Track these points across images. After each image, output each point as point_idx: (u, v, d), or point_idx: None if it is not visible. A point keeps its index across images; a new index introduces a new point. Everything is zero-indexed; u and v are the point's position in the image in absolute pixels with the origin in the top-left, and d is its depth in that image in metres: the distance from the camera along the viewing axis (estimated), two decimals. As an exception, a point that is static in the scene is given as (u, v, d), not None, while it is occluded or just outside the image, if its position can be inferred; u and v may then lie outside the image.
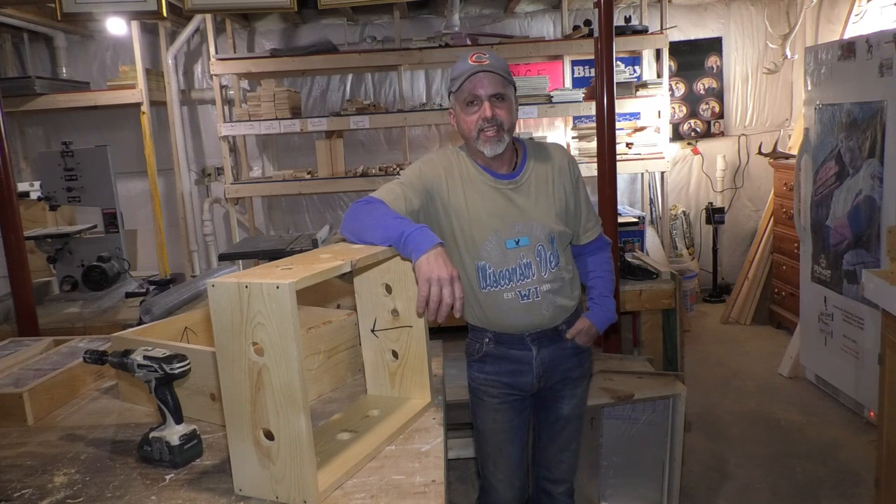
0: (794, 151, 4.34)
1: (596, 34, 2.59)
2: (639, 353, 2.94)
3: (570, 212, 1.82)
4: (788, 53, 5.09)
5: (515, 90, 1.77)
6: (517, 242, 1.73)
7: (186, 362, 1.34)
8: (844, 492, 2.76)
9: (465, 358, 1.90)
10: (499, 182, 1.75)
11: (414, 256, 1.42)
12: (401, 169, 4.35)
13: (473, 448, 2.17)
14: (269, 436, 1.17)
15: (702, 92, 5.22)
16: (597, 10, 2.56)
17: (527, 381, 1.83)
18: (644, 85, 4.42)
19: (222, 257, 3.23)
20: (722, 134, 5.27)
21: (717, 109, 5.23)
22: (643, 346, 2.86)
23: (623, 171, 4.32)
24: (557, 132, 5.02)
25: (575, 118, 4.78)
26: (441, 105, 4.71)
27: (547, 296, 1.76)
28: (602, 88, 2.59)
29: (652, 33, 4.39)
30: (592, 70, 4.09)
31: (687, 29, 5.15)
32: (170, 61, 4.58)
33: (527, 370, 1.81)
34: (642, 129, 4.61)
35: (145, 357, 1.35)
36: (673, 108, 5.07)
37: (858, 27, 4.47)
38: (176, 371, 1.32)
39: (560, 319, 1.81)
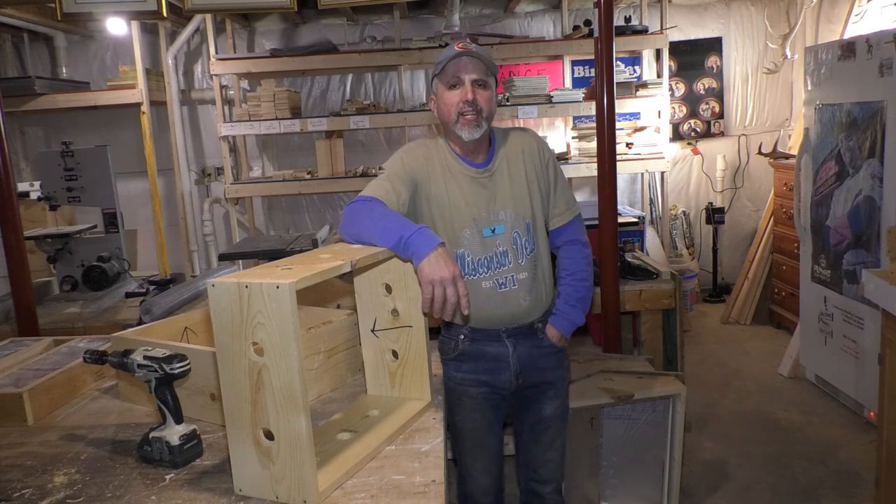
0: (794, 151, 4.34)
1: (596, 34, 2.59)
2: (639, 353, 2.93)
3: (543, 195, 1.83)
4: (788, 53, 5.09)
5: (497, 84, 1.80)
6: (493, 231, 1.76)
7: (186, 362, 1.34)
8: (844, 492, 2.76)
9: (440, 356, 1.87)
10: (474, 171, 1.78)
11: (415, 260, 1.42)
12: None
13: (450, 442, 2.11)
14: (269, 436, 1.17)
15: (702, 92, 5.21)
16: (597, 10, 2.56)
17: (505, 379, 1.83)
18: (644, 85, 4.42)
19: (222, 257, 3.23)
20: (722, 134, 5.27)
21: (717, 109, 5.23)
22: (643, 346, 2.85)
23: (623, 171, 4.32)
24: (557, 132, 5.02)
25: (575, 118, 4.78)
26: (441, 105, 4.69)
27: (524, 283, 1.77)
28: (602, 88, 2.59)
29: (652, 33, 4.39)
30: (592, 70, 4.09)
31: (687, 29, 5.15)
32: (170, 61, 4.58)
33: (504, 367, 1.82)
34: (642, 129, 4.61)
35: (145, 357, 1.35)
36: (673, 108, 5.07)
37: (858, 27, 4.47)
38: (176, 371, 1.32)
39: (537, 314, 1.82)
